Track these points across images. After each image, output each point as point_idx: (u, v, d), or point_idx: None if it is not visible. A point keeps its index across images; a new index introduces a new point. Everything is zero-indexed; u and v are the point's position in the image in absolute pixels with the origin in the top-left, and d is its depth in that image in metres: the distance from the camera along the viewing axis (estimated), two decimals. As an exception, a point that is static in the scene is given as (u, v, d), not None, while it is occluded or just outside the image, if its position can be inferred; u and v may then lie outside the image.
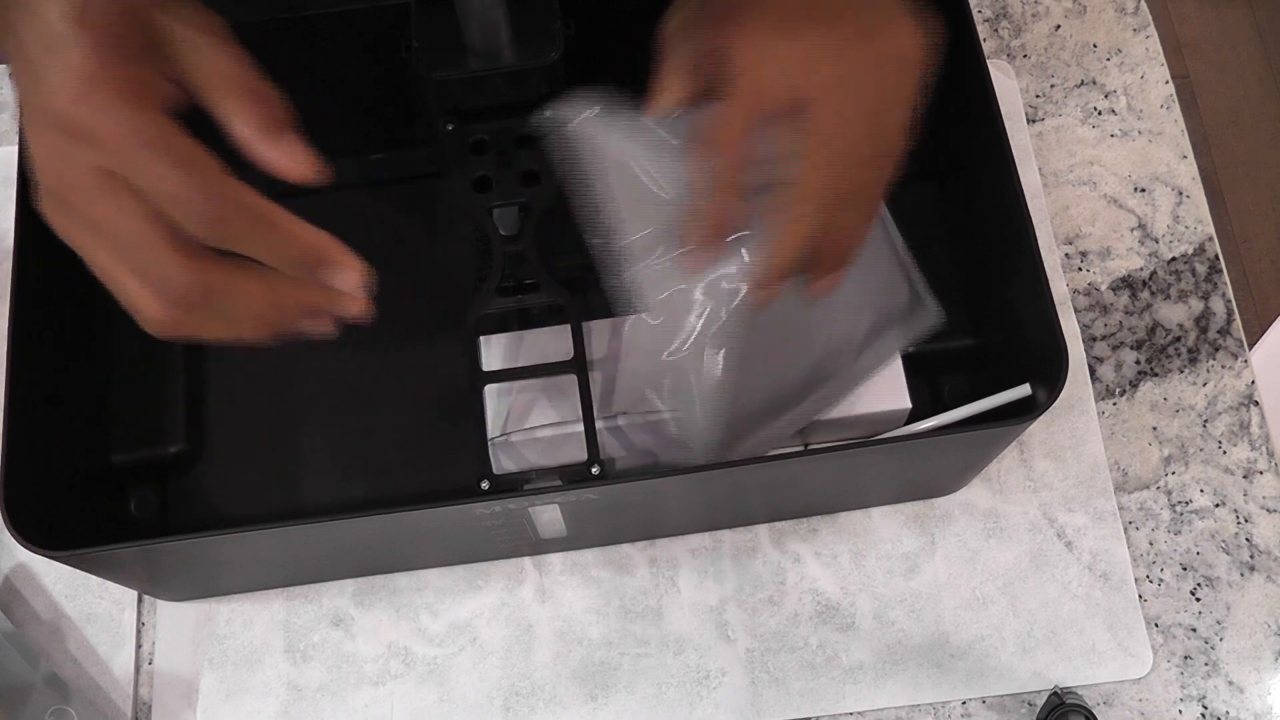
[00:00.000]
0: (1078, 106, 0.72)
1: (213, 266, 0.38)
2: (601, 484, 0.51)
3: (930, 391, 0.64)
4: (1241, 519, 0.64)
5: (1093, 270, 0.68)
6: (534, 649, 0.62)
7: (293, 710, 0.61)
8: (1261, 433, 0.65)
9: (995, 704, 0.61)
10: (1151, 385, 0.66)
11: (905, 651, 0.61)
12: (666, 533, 0.63)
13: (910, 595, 0.62)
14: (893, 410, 0.58)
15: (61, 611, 0.63)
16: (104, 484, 0.61)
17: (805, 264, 0.46)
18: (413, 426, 0.63)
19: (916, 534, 0.63)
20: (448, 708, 0.61)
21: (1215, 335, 0.67)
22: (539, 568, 0.63)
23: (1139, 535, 0.63)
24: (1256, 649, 0.61)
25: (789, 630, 0.62)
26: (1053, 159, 0.71)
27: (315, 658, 0.62)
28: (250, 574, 0.61)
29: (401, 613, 0.62)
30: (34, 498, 0.52)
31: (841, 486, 0.61)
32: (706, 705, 0.61)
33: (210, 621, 0.62)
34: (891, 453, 0.55)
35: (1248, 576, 0.63)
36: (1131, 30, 0.73)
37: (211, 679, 0.61)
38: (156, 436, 0.62)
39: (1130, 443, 0.65)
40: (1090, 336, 0.67)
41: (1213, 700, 0.61)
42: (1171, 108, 0.72)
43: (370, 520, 0.51)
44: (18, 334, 0.54)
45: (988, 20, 0.74)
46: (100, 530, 0.60)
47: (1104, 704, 0.61)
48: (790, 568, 0.63)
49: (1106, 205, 0.70)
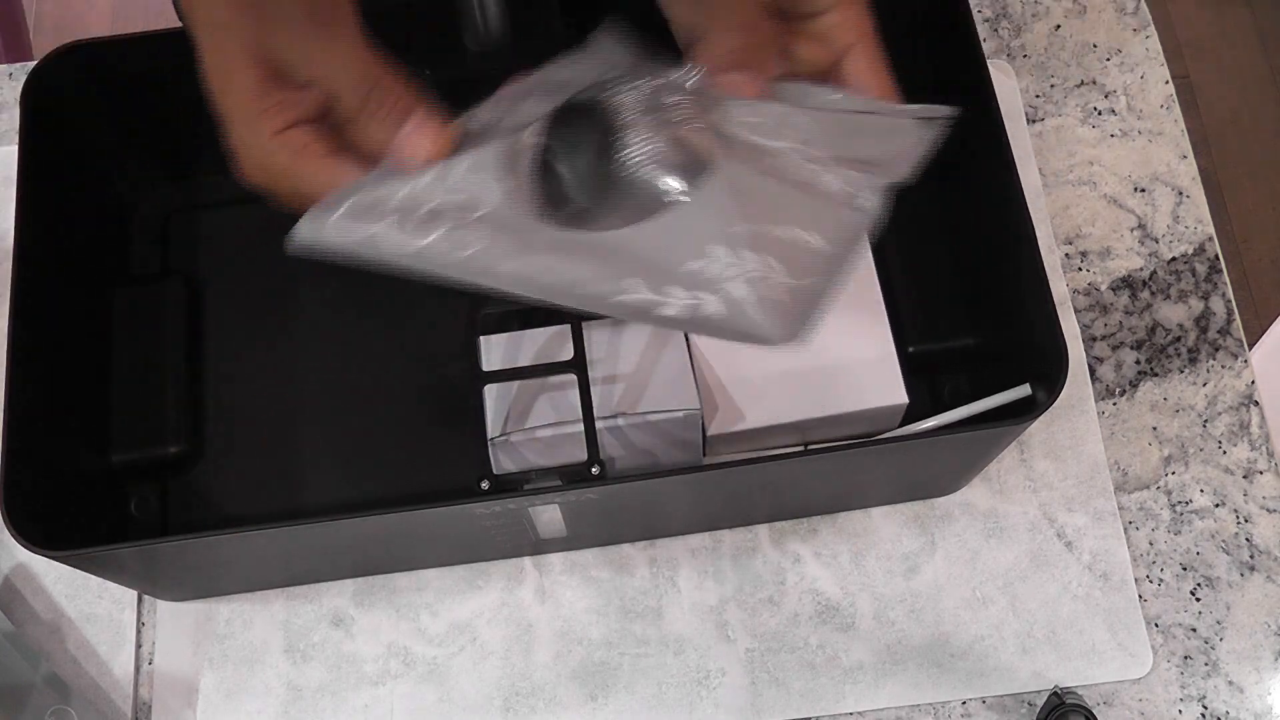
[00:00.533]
0: (1078, 106, 0.72)
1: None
2: (601, 484, 0.51)
3: (930, 391, 0.64)
4: (1241, 519, 0.64)
5: (1093, 270, 0.68)
6: (534, 649, 0.62)
7: (293, 710, 0.61)
8: (1261, 433, 0.65)
9: (995, 704, 0.61)
10: (1151, 385, 0.66)
11: (905, 651, 0.61)
12: (666, 533, 0.63)
13: (910, 595, 0.62)
14: (890, 405, 0.58)
15: (61, 611, 0.63)
16: (104, 484, 0.61)
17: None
18: (413, 426, 0.63)
19: (916, 534, 0.63)
20: (448, 708, 0.61)
21: (1215, 335, 0.67)
22: (539, 568, 0.63)
23: (1139, 535, 0.63)
24: (1256, 649, 0.61)
25: (789, 630, 0.62)
26: (1053, 159, 0.71)
27: (315, 658, 0.62)
28: (250, 574, 0.61)
29: (401, 613, 0.62)
30: (34, 498, 0.52)
31: (841, 486, 0.61)
32: (706, 705, 0.61)
33: (210, 621, 0.62)
34: (891, 453, 0.55)
35: (1248, 576, 0.63)
36: (1131, 30, 0.73)
37: (211, 679, 0.61)
38: (156, 436, 0.62)
39: (1130, 443, 0.65)
40: (1090, 336, 0.67)
41: (1213, 700, 0.61)
42: (1171, 108, 0.72)
43: (370, 520, 0.51)
44: (18, 334, 0.54)
45: (988, 20, 0.74)
46: (100, 530, 0.60)
47: (1104, 704, 0.61)
48: (790, 568, 0.63)
49: (1106, 205, 0.70)
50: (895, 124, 0.48)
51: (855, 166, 0.46)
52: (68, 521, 0.55)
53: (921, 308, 0.63)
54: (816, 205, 0.45)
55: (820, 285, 0.43)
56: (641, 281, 0.41)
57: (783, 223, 0.43)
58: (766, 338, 0.41)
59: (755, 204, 0.44)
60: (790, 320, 0.42)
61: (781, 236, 0.43)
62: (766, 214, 0.43)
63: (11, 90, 0.73)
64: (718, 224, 0.42)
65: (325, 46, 0.42)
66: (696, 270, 0.41)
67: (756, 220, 0.43)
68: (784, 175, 0.45)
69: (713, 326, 0.42)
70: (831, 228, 0.44)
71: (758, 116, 0.45)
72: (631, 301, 0.42)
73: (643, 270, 0.42)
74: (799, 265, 0.42)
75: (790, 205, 0.44)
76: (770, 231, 0.43)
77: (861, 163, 0.46)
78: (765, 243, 0.42)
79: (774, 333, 0.41)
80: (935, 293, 0.63)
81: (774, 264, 0.42)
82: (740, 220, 0.43)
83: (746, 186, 0.44)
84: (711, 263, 0.41)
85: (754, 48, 0.45)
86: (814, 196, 0.45)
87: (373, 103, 0.42)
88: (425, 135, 0.42)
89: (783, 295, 0.41)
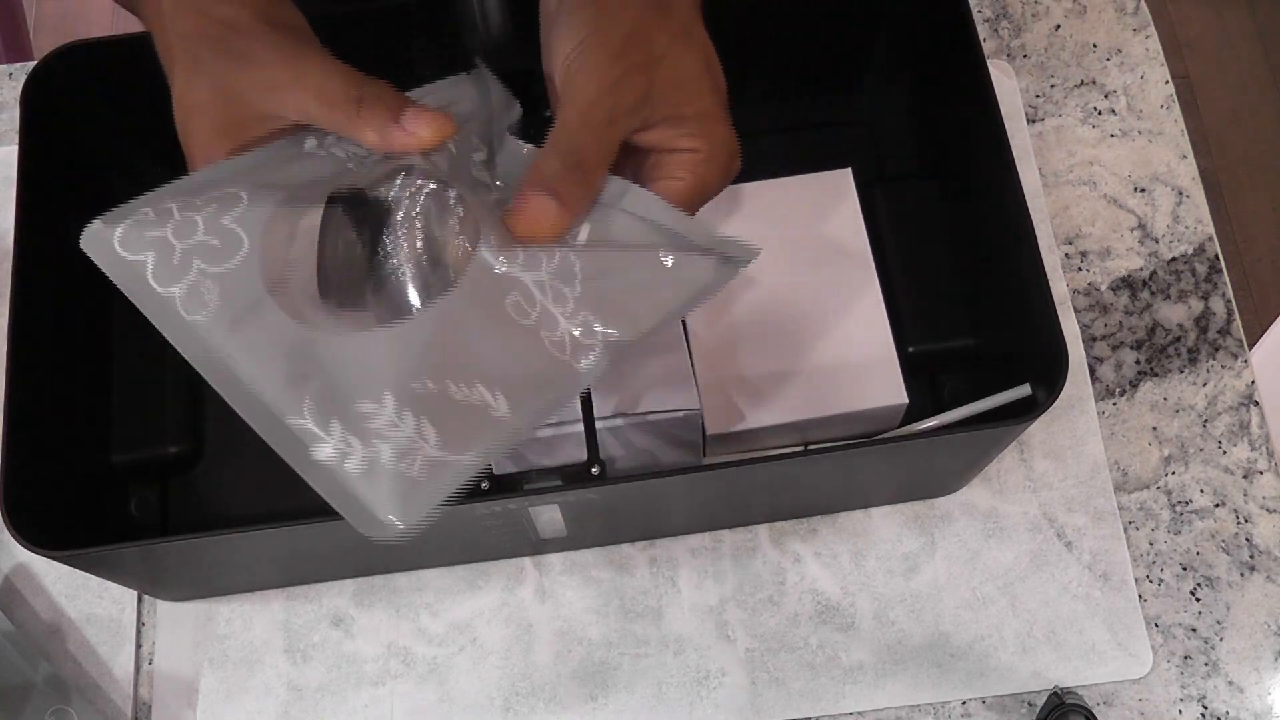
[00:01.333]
0: (1078, 106, 0.72)
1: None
2: (601, 484, 0.51)
3: (930, 391, 0.64)
4: (1241, 519, 0.64)
5: (1093, 270, 0.68)
6: (534, 649, 0.62)
7: (293, 710, 0.61)
8: (1261, 433, 0.65)
9: (995, 704, 0.61)
10: (1151, 385, 0.66)
11: (905, 651, 0.61)
12: (666, 533, 0.63)
13: (910, 595, 0.62)
14: (890, 406, 0.58)
15: (61, 611, 0.63)
16: (104, 484, 0.61)
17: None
18: (413, 426, 0.63)
19: (916, 534, 0.63)
20: (448, 708, 0.61)
21: (1215, 335, 0.67)
22: (539, 568, 0.63)
23: (1139, 535, 0.63)
24: (1256, 649, 0.61)
25: (789, 630, 0.62)
26: (1053, 159, 0.71)
27: (315, 658, 0.62)
28: (250, 574, 0.61)
29: (401, 613, 0.62)
30: (34, 498, 0.52)
31: (841, 486, 0.61)
32: (706, 705, 0.61)
33: (210, 621, 0.62)
34: (891, 453, 0.55)
35: (1248, 576, 0.63)
36: (1131, 30, 0.73)
37: (211, 679, 0.61)
38: (156, 436, 0.62)
39: (1130, 443, 0.65)
40: (1090, 336, 0.67)
41: (1213, 700, 0.61)
42: (1171, 108, 0.72)
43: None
44: (18, 334, 0.54)
45: (988, 20, 0.74)
46: (100, 530, 0.60)
47: (1104, 704, 0.61)
48: (790, 568, 0.63)
49: (1106, 205, 0.70)
50: (663, 273, 0.45)
51: (598, 315, 0.44)
52: (68, 521, 0.55)
53: (921, 308, 0.63)
54: (530, 361, 0.43)
55: (466, 466, 0.41)
56: (313, 404, 0.40)
57: (475, 379, 0.42)
58: (375, 510, 0.40)
59: (458, 350, 0.42)
60: (409, 503, 0.40)
61: (461, 400, 0.42)
62: (463, 365, 0.42)
63: (11, 90, 0.73)
64: (405, 367, 0.41)
65: (296, 81, 0.42)
66: (363, 413, 0.41)
67: (445, 373, 0.42)
68: (516, 316, 0.44)
69: (333, 485, 0.41)
70: (531, 393, 0.43)
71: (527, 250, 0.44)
72: (297, 429, 0.41)
73: (323, 388, 0.41)
74: (459, 437, 0.41)
75: (499, 358, 0.43)
76: (451, 392, 0.42)
77: (607, 312, 0.44)
78: (437, 405, 0.41)
79: (385, 508, 0.40)
80: (935, 293, 0.63)
81: (429, 434, 0.41)
82: (427, 371, 0.41)
83: (464, 324, 0.43)
84: (378, 410, 0.41)
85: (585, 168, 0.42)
86: (533, 349, 0.44)
87: (365, 111, 0.41)
88: (422, 121, 0.41)
89: (420, 474, 0.40)
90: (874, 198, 0.64)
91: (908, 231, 0.64)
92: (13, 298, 0.54)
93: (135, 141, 0.63)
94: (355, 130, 0.42)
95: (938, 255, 0.64)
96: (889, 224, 0.64)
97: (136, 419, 0.62)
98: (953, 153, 0.63)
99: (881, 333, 0.59)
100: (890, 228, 0.64)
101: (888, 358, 0.59)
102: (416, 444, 0.41)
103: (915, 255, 0.64)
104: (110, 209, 0.41)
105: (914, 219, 0.65)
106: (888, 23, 0.64)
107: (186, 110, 0.44)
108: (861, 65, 0.66)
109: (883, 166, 0.68)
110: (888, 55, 0.65)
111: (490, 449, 0.42)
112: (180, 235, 0.41)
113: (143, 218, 0.41)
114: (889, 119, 0.68)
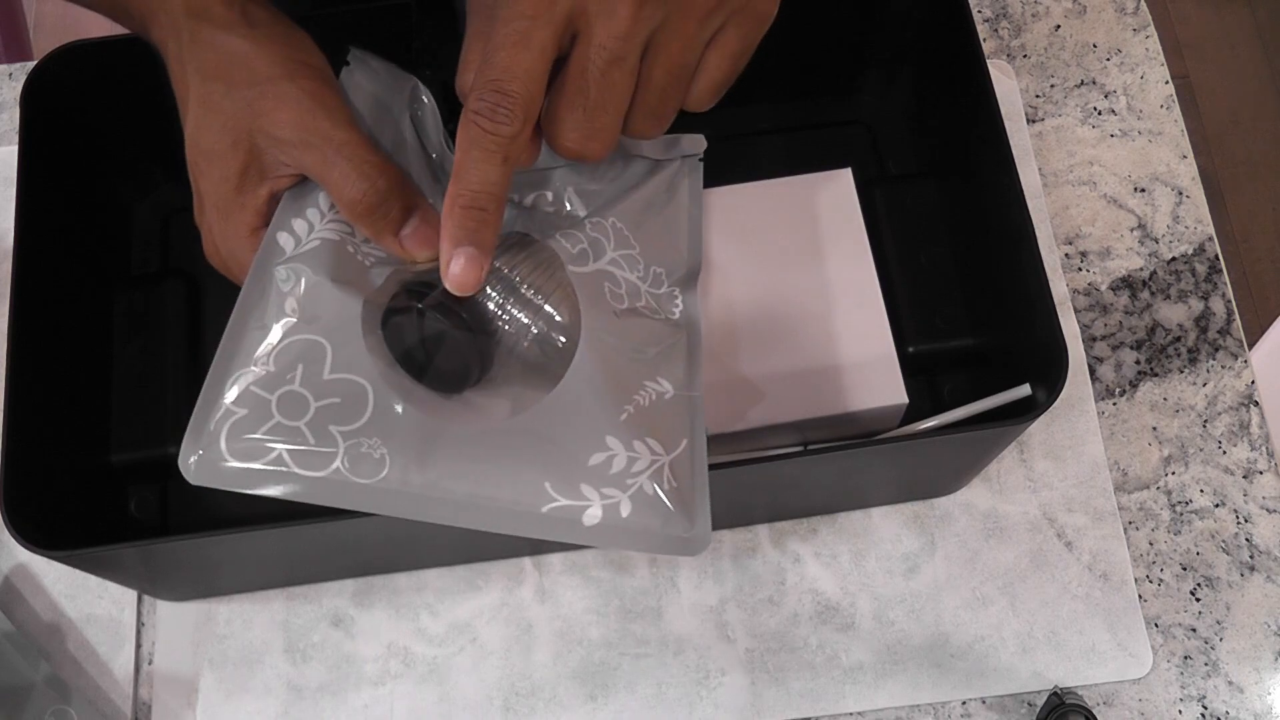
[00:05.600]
0: (1078, 106, 0.72)
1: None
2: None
3: (930, 391, 0.64)
4: (1241, 519, 0.64)
5: (1093, 270, 0.68)
6: (534, 649, 0.62)
7: (293, 710, 0.61)
8: (1261, 433, 0.65)
9: (995, 704, 0.61)
10: (1151, 385, 0.66)
11: (905, 651, 0.61)
12: (666, 533, 0.63)
13: (910, 595, 0.62)
14: (890, 406, 0.58)
15: (61, 611, 0.63)
16: (104, 484, 0.61)
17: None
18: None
19: (916, 534, 0.63)
20: (448, 708, 0.61)
21: (1215, 335, 0.67)
22: (539, 568, 0.63)
23: (1139, 535, 0.63)
24: (1256, 649, 0.61)
25: (789, 630, 0.62)
26: (1053, 159, 0.71)
27: (315, 658, 0.62)
28: (250, 574, 0.61)
29: (401, 613, 0.62)
30: (34, 498, 0.52)
31: (841, 486, 0.61)
32: (706, 705, 0.61)
33: (210, 621, 0.62)
34: (891, 453, 0.55)
35: (1248, 576, 0.63)
36: (1131, 30, 0.73)
37: (211, 679, 0.61)
38: (156, 436, 0.62)
39: (1130, 443, 0.65)
40: (1090, 336, 0.67)
41: (1213, 700, 0.61)
42: (1171, 108, 0.72)
43: (370, 520, 0.51)
44: (18, 334, 0.54)
45: (988, 20, 0.74)
46: (100, 530, 0.60)
47: (1104, 704, 0.61)
48: (790, 568, 0.63)
49: (1106, 205, 0.70)
50: (660, 191, 0.46)
51: (656, 261, 0.45)
52: (67, 522, 0.55)
53: (921, 308, 0.63)
54: (647, 335, 0.44)
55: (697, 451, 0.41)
56: (554, 483, 0.39)
57: (641, 379, 0.42)
58: (674, 532, 0.39)
59: (617, 364, 0.42)
60: (691, 509, 0.40)
61: (649, 404, 0.42)
62: (627, 375, 0.42)
63: (11, 90, 0.73)
64: (605, 407, 0.40)
65: (320, 149, 0.41)
66: (600, 464, 0.39)
67: (626, 391, 0.41)
68: (616, 303, 0.43)
69: (623, 537, 0.39)
70: (667, 362, 0.43)
71: (577, 234, 0.43)
72: (556, 512, 0.39)
73: (551, 466, 0.39)
74: (673, 433, 0.41)
75: (634, 349, 0.43)
76: (640, 403, 0.41)
77: (658, 254, 0.45)
78: (642, 420, 0.41)
79: (679, 527, 0.39)
80: (935, 293, 0.63)
81: (656, 446, 0.40)
82: (620, 399, 0.41)
83: (604, 339, 0.42)
84: (611, 455, 0.40)
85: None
86: (642, 324, 0.44)
87: (379, 213, 0.41)
88: (417, 241, 0.41)
89: (678, 482, 0.40)
90: (874, 198, 0.64)
91: (908, 232, 0.64)
92: (13, 298, 0.54)
93: (135, 141, 0.63)
94: (357, 226, 0.42)
95: (937, 255, 0.64)
96: (889, 224, 0.64)
97: (136, 419, 0.62)
98: (953, 153, 0.63)
99: (881, 333, 0.59)
100: (890, 228, 0.64)
101: (887, 358, 0.59)
102: (659, 460, 0.40)
103: (915, 255, 0.64)
104: (185, 434, 0.38)
105: (914, 219, 0.64)
106: (888, 23, 0.64)
107: (199, 154, 0.43)
108: (861, 65, 0.66)
109: (883, 166, 0.68)
110: (888, 55, 0.65)
111: (693, 426, 0.42)
112: (290, 413, 0.39)
113: (237, 420, 0.39)
114: (889, 119, 0.68)
